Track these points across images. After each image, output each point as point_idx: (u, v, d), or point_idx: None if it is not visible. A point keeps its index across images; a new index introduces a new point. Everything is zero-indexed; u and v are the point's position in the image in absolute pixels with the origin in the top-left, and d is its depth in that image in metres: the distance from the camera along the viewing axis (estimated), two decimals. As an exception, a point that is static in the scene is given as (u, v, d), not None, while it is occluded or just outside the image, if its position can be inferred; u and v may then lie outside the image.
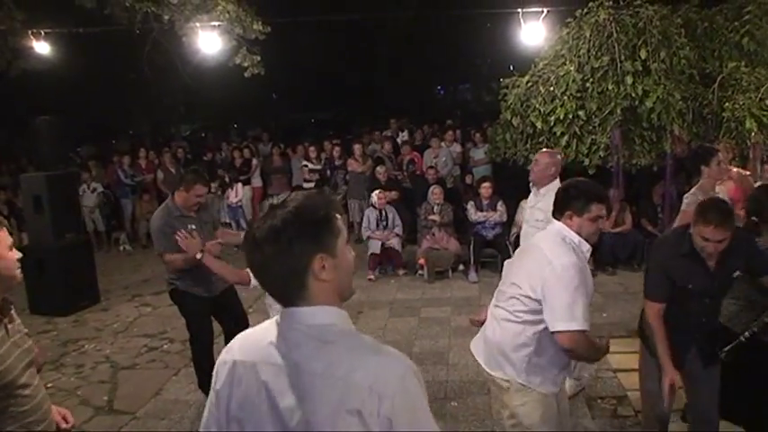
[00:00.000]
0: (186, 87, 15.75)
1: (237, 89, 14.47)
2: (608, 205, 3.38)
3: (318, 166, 12.86)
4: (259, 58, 9.89)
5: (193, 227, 5.24)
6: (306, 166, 12.84)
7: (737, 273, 3.38)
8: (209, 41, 9.58)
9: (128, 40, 11.66)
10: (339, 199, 11.64)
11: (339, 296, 1.77)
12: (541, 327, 3.21)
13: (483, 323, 3.65)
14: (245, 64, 9.91)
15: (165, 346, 7.33)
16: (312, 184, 12.65)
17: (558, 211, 3.34)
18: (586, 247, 3.27)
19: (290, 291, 1.69)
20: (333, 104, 25.74)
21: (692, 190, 5.53)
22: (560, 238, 3.27)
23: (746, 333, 3.58)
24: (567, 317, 3.07)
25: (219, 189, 13.04)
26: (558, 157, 5.68)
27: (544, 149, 6.07)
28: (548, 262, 3.17)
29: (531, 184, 5.62)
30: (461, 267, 9.63)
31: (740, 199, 5.60)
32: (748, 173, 6.45)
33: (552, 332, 3.12)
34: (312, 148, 13.18)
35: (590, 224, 3.25)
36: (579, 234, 3.26)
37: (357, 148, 12.43)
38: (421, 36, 20.35)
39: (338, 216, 1.76)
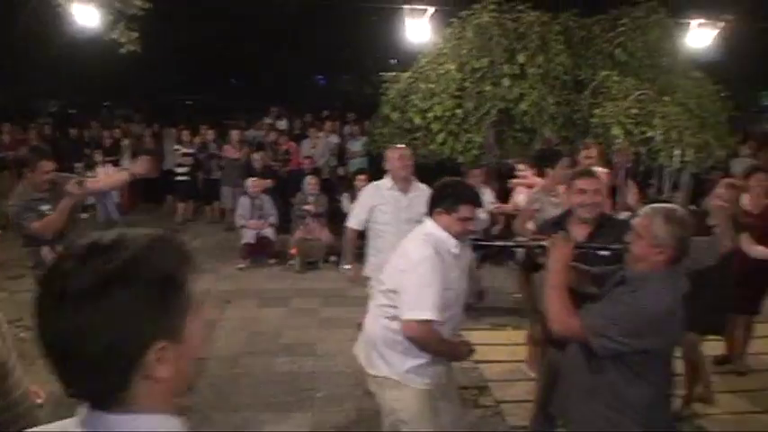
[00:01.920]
0: (56, 61, 14.91)
1: (111, 66, 13.82)
2: (477, 206, 3.45)
3: (191, 150, 12.48)
4: (137, 35, 9.43)
5: (48, 207, 5.06)
6: (178, 149, 12.43)
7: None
8: (85, 14, 9.04)
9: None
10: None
11: (175, 394, 1.25)
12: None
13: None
14: (122, 40, 9.41)
15: (22, 335, 6.90)
16: (185, 169, 12.29)
17: (430, 209, 3.41)
18: (453, 243, 3.32)
19: (101, 386, 1.10)
20: (212, 88, 25.11)
21: (535, 189, 5.78)
22: (424, 234, 3.35)
23: None
24: (412, 306, 3.13)
25: (86, 169, 12.41)
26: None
27: (399, 145, 6.11)
28: (405, 255, 3.28)
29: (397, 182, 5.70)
30: (333, 258, 9.61)
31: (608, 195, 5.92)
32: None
33: (402, 322, 3.17)
34: (186, 132, 12.78)
35: (458, 224, 3.32)
36: (448, 231, 3.32)
37: (235, 133, 12.17)
38: (305, 23, 20.15)
39: (191, 278, 1.22)
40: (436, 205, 3.38)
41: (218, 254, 10.12)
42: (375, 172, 10.31)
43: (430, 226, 3.38)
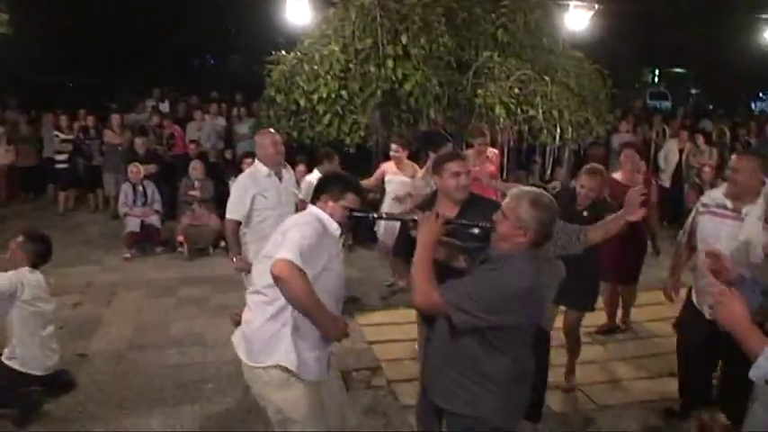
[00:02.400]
0: None
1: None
2: (362, 198, 3.49)
3: (71, 136, 11.95)
4: (7, 17, 8.91)
5: None
6: (57, 135, 11.88)
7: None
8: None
9: None
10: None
11: None
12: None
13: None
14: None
15: None
16: (65, 156, 11.78)
17: (316, 195, 3.44)
18: (335, 227, 3.35)
19: None
20: (93, 69, 24.08)
21: (421, 172, 5.84)
22: (309, 213, 3.38)
23: None
24: (288, 248, 3.04)
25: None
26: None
27: (269, 130, 6.09)
28: (286, 224, 3.29)
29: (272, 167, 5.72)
30: (223, 244, 9.41)
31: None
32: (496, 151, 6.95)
33: (271, 264, 3.05)
34: (64, 117, 12.22)
35: (342, 211, 3.36)
36: (332, 217, 3.35)
37: (115, 118, 11.71)
38: (193, 1, 19.65)
39: None
40: (323, 192, 3.41)
41: (103, 244, 9.80)
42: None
43: (315, 209, 3.39)
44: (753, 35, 14.06)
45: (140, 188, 9.61)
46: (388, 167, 7.38)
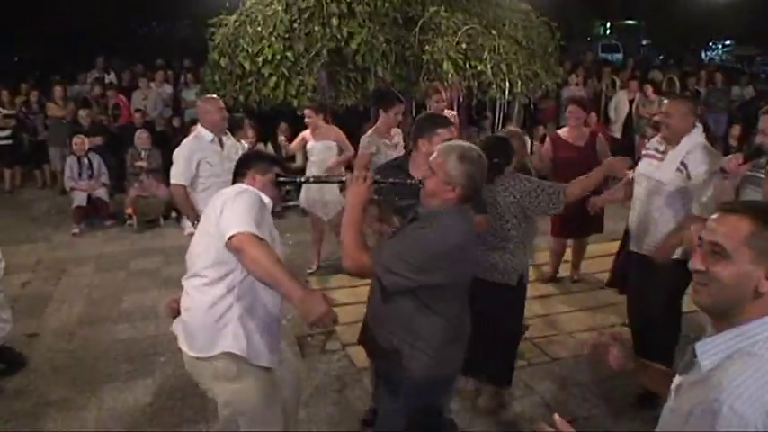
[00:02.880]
0: None
1: None
2: (287, 171, 3.55)
3: (13, 111, 11.60)
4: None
5: None
6: (-1, 111, 11.54)
7: None
8: None
9: None
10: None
11: None
12: (237, 275, 3.03)
13: None
14: None
15: None
16: (7, 132, 11.44)
17: (240, 173, 3.33)
18: (267, 200, 3.20)
19: None
20: (36, 42, 23.37)
21: (369, 132, 5.79)
22: (239, 187, 3.18)
23: None
24: (238, 221, 2.85)
25: None
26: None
27: (211, 96, 6.05)
28: (220, 197, 3.07)
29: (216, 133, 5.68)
30: (174, 215, 9.26)
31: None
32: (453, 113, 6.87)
33: (226, 241, 2.85)
34: (5, 92, 11.85)
35: (272, 187, 3.28)
36: (263, 192, 3.22)
37: (58, 90, 11.40)
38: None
39: None
40: (249, 167, 3.32)
41: (52, 220, 9.62)
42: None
43: (242, 185, 3.21)
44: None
45: (86, 161, 9.39)
46: (307, 135, 7.27)
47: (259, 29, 8.54)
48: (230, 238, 2.82)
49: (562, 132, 6.52)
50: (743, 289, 1.68)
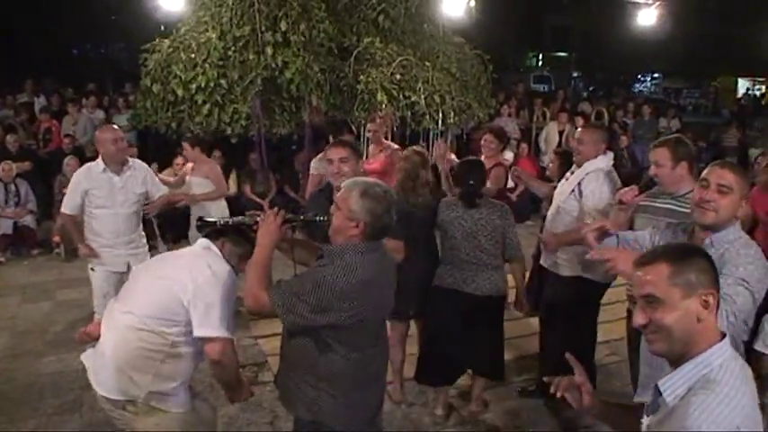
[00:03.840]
0: None
1: None
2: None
3: (-67, 135, 11.24)
4: None
5: None
6: None
7: None
8: None
9: None
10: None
11: None
12: (180, 331, 3.09)
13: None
14: None
15: None
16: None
17: (214, 235, 3.35)
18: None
19: None
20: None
21: (319, 156, 5.82)
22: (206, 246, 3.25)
23: None
24: (218, 326, 3.00)
25: None
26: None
27: (111, 125, 5.95)
28: (206, 266, 3.13)
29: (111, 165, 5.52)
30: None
31: (388, 172, 6.04)
32: (397, 147, 6.88)
33: (200, 338, 2.99)
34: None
35: (238, 261, 3.31)
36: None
37: (-18, 113, 11.12)
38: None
39: None
40: (225, 236, 3.34)
41: (-25, 248, 9.30)
42: (143, 148, 9.99)
43: (211, 255, 3.26)
44: (631, 19, 14.64)
45: (12, 187, 9.15)
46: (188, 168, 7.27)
47: (193, 56, 8.49)
48: (209, 340, 3.03)
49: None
50: (688, 324, 1.84)
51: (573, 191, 4.52)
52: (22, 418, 4.94)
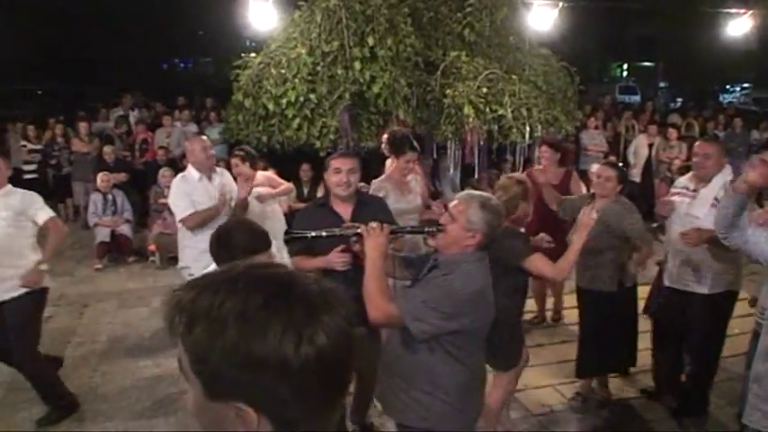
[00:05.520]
0: None
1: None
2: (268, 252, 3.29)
3: (39, 146, 11.82)
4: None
5: None
6: (24, 146, 11.75)
7: None
8: None
9: None
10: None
11: None
12: None
13: None
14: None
15: None
16: (33, 166, 11.66)
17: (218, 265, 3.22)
18: None
19: None
20: (61, 77, 23.77)
21: (382, 178, 5.80)
22: None
23: None
24: None
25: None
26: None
27: (200, 137, 6.02)
28: None
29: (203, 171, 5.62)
30: (195, 253, 9.35)
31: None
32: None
33: None
34: (32, 127, 12.08)
35: None
36: None
37: (83, 126, 11.58)
38: (160, 5, 19.53)
39: None
40: (219, 262, 3.23)
41: (75, 255, 9.69)
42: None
43: None
44: (719, 29, 14.22)
45: (110, 197, 9.51)
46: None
47: (283, 71, 8.69)
48: None
49: (535, 170, 6.62)
50: None
51: (713, 204, 4.47)
52: (121, 418, 5.11)
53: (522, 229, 4.40)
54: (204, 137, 6.04)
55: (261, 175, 6.97)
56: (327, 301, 1.05)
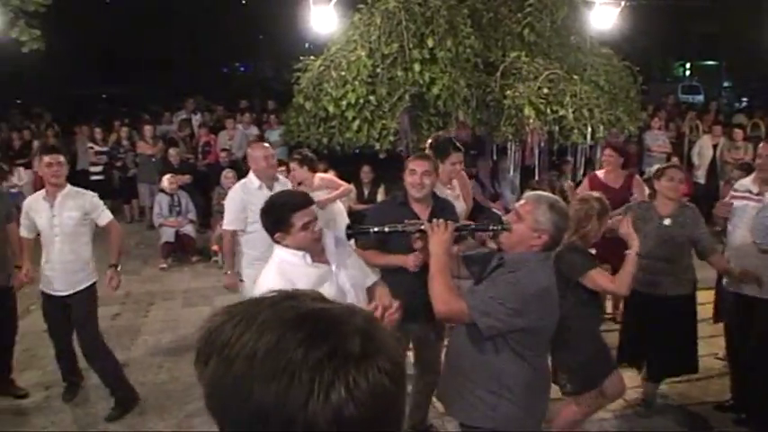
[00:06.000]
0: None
1: (19, 62, 13.17)
2: (311, 205, 3.27)
3: (105, 148, 12.15)
4: (39, 32, 9.01)
5: None
6: (91, 148, 12.10)
7: None
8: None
9: None
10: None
11: None
12: None
13: None
14: (23, 38, 8.96)
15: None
16: (99, 168, 11.99)
17: (272, 239, 3.27)
18: (299, 256, 3.17)
19: None
20: (125, 81, 24.41)
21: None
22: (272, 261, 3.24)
23: None
24: None
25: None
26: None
27: (262, 144, 6.00)
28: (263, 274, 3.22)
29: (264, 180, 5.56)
30: (258, 253, 9.49)
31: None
32: None
33: None
34: (98, 129, 12.44)
35: (303, 236, 3.15)
36: (299, 249, 3.17)
37: (148, 129, 11.90)
38: (220, 10, 19.88)
39: None
40: (273, 233, 3.22)
41: (140, 254, 9.94)
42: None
43: (276, 252, 3.25)
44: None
45: (175, 198, 9.73)
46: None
47: (343, 73, 8.75)
48: None
49: (599, 173, 6.54)
50: None
51: None
52: (186, 415, 5.23)
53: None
54: (266, 144, 6.01)
55: (318, 178, 7.05)
56: (364, 350, 0.87)
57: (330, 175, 7.39)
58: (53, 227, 5.15)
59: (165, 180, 9.75)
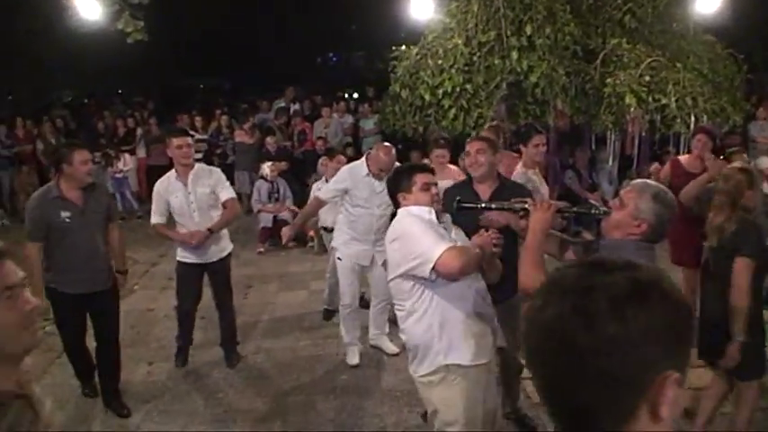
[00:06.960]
0: (66, 51, 14.99)
1: (121, 53, 13.74)
2: (429, 170, 3.66)
3: (205, 136, 12.55)
4: (142, 24, 9.38)
5: (68, 215, 4.73)
6: (192, 135, 12.47)
7: None
8: (88, 6, 9.03)
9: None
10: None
11: None
12: (427, 293, 3.33)
13: None
14: (128, 29, 9.35)
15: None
16: (199, 155, 12.35)
17: (394, 200, 3.64)
18: (426, 210, 3.46)
19: (606, 406, 1.04)
20: (223, 70, 25.02)
21: (519, 167, 5.66)
22: (400, 216, 3.51)
23: None
24: (430, 252, 3.19)
25: (103, 160, 12.47)
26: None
27: (386, 144, 5.96)
28: (390, 233, 3.46)
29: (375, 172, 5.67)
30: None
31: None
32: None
33: (432, 267, 3.19)
34: (198, 118, 12.86)
35: (423, 194, 3.47)
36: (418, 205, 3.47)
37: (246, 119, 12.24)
38: (314, 2, 20.12)
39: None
40: (396, 192, 3.58)
41: (238, 238, 10.08)
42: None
43: (401, 211, 3.53)
44: None
45: (275, 185, 9.97)
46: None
47: (440, 62, 8.77)
48: (434, 263, 3.16)
49: (683, 158, 6.30)
50: None
51: None
52: (282, 394, 5.35)
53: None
54: (387, 143, 5.99)
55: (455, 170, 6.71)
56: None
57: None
58: (190, 203, 5.51)
59: (266, 167, 9.98)
